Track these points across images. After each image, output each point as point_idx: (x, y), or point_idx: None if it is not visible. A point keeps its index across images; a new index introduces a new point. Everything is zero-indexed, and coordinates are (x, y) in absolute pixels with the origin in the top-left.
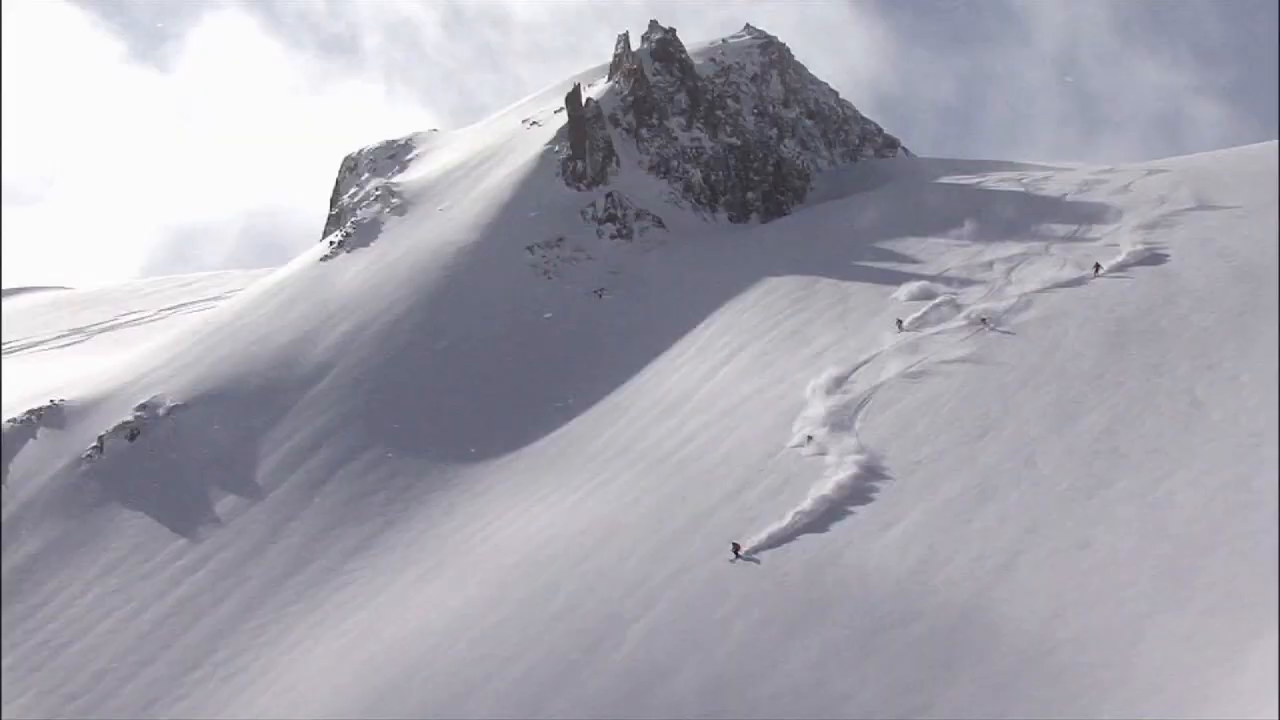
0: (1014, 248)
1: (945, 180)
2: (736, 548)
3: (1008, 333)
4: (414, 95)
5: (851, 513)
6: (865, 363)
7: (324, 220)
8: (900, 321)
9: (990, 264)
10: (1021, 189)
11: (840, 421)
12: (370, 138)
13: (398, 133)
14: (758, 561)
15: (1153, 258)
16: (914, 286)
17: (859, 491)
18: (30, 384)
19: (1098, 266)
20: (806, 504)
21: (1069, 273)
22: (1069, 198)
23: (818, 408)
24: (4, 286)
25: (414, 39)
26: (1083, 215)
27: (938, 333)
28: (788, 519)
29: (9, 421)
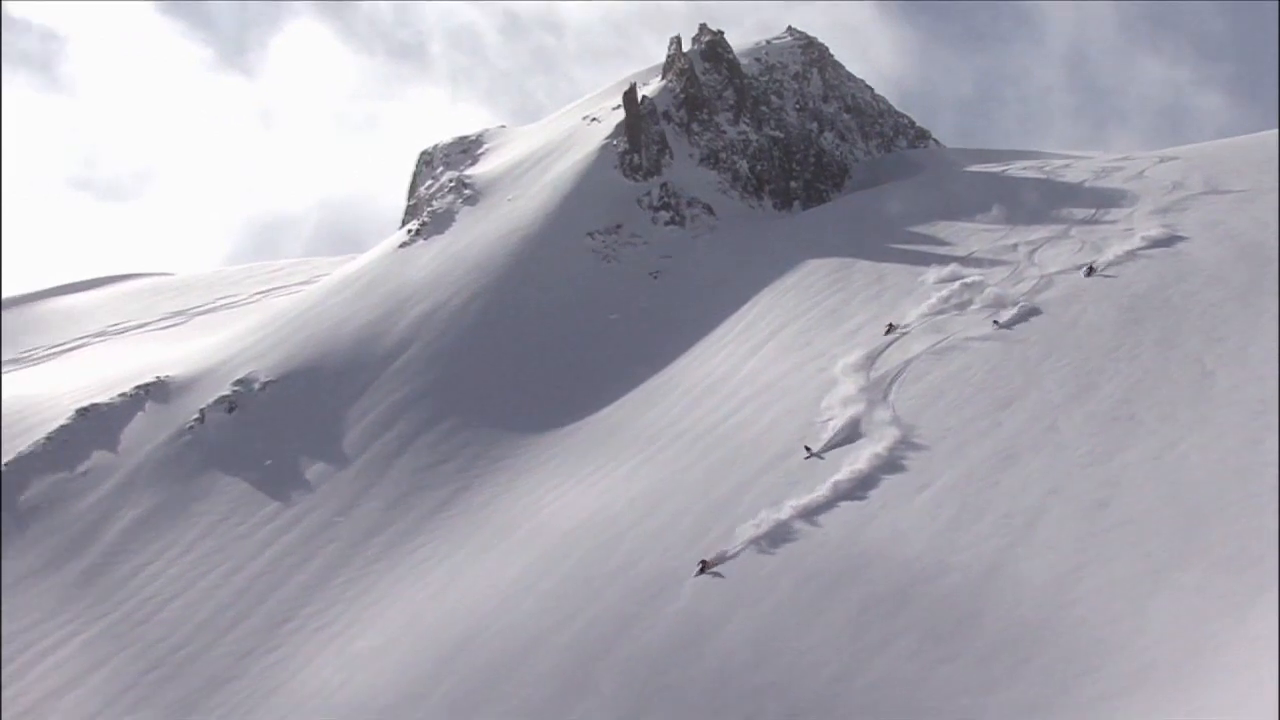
0: (1037, 231)
1: (972, 169)
2: (704, 565)
3: (1012, 325)
4: (476, 96)
5: (886, 477)
6: (897, 339)
7: (399, 211)
8: (891, 325)
9: (1015, 246)
10: (1043, 176)
11: (875, 394)
12: (439, 136)
13: (466, 130)
14: (722, 576)
15: (1166, 239)
16: (943, 269)
17: (893, 458)
18: (137, 362)
19: (1090, 269)
20: (843, 471)
21: (1087, 254)
22: (1087, 184)
23: (848, 387)
24: (110, 274)
25: (475, 44)
26: (1100, 200)
27: (965, 312)
28: (827, 485)
29: (119, 395)
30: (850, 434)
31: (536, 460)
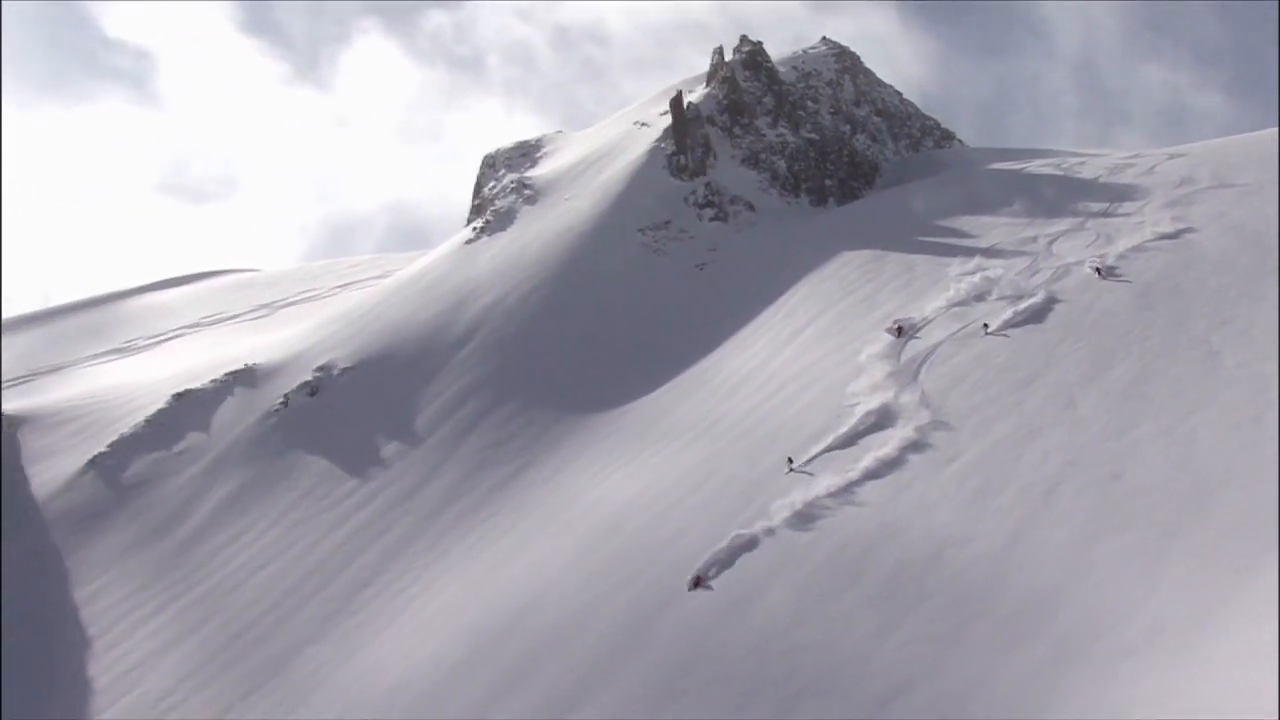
0: (1055, 224)
1: (994, 167)
2: (697, 580)
3: (1031, 312)
4: (529, 105)
5: (915, 453)
6: (925, 325)
7: (462, 211)
8: (900, 329)
9: (1035, 238)
10: (1060, 173)
11: (903, 378)
12: (498, 141)
13: (524, 135)
14: (711, 588)
15: (1175, 231)
16: (968, 260)
17: (922, 435)
18: (227, 351)
19: (1099, 270)
20: (875, 450)
21: (1101, 245)
22: (1102, 179)
23: (875, 373)
24: (201, 271)
25: (528, 57)
26: (1115, 194)
27: (987, 300)
28: (864, 460)
29: (212, 381)
30: (880, 417)
31: (593, 438)
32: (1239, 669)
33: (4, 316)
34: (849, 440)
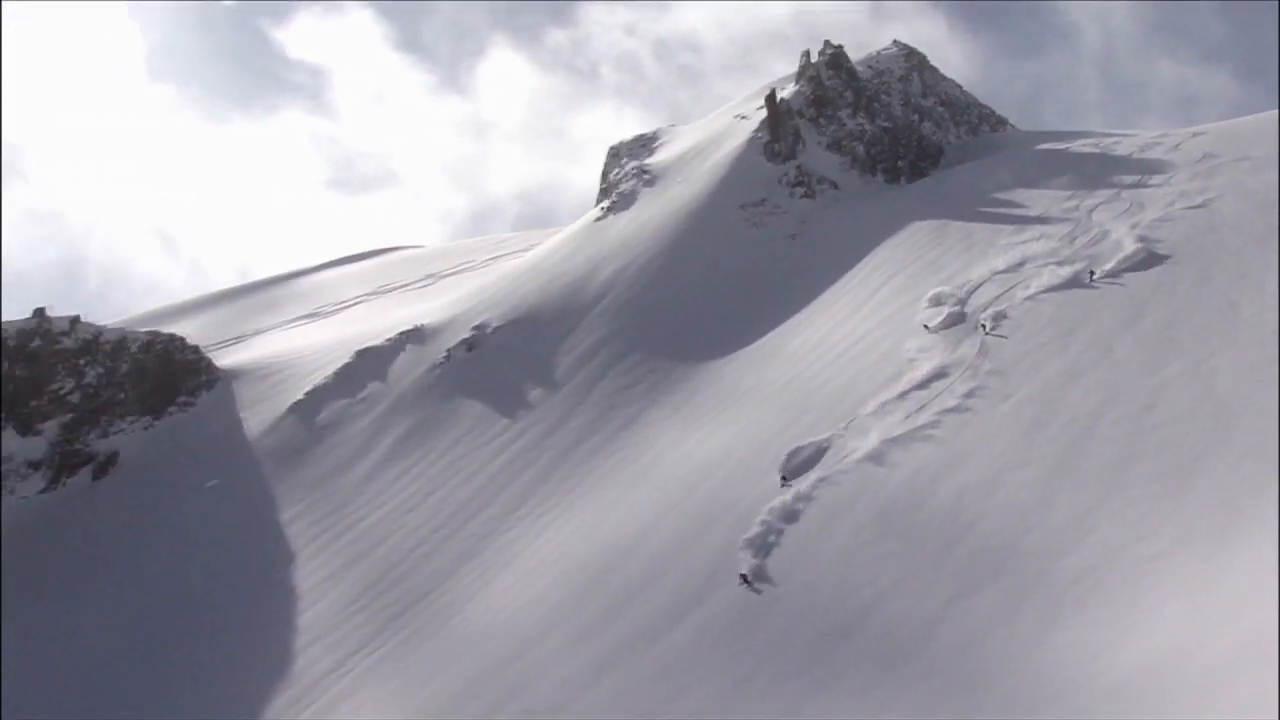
0: (1095, 195)
1: (1042, 147)
2: (744, 577)
3: (1075, 272)
4: (637, 106)
5: (977, 392)
6: (981, 285)
7: (582, 196)
8: (926, 326)
9: (1076, 208)
10: (1099, 150)
11: (965, 329)
12: (618, 135)
13: (638, 131)
14: (757, 591)
15: (1198, 198)
16: (1021, 228)
17: (982, 378)
18: (400, 314)
19: (1091, 274)
20: (945, 390)
21: (1134, 211)
22: (1134, 156)
23: (936, 328)
24: (374, 248)
25: (634, 65)
26: (1146, 169)
27: (1037, 262)
28: (931, 401)
29: (387, 340)
30: (945, 364)
31: (691, 393)
32: (1258, 571)
33: (215, 290)
34: (919, 385)
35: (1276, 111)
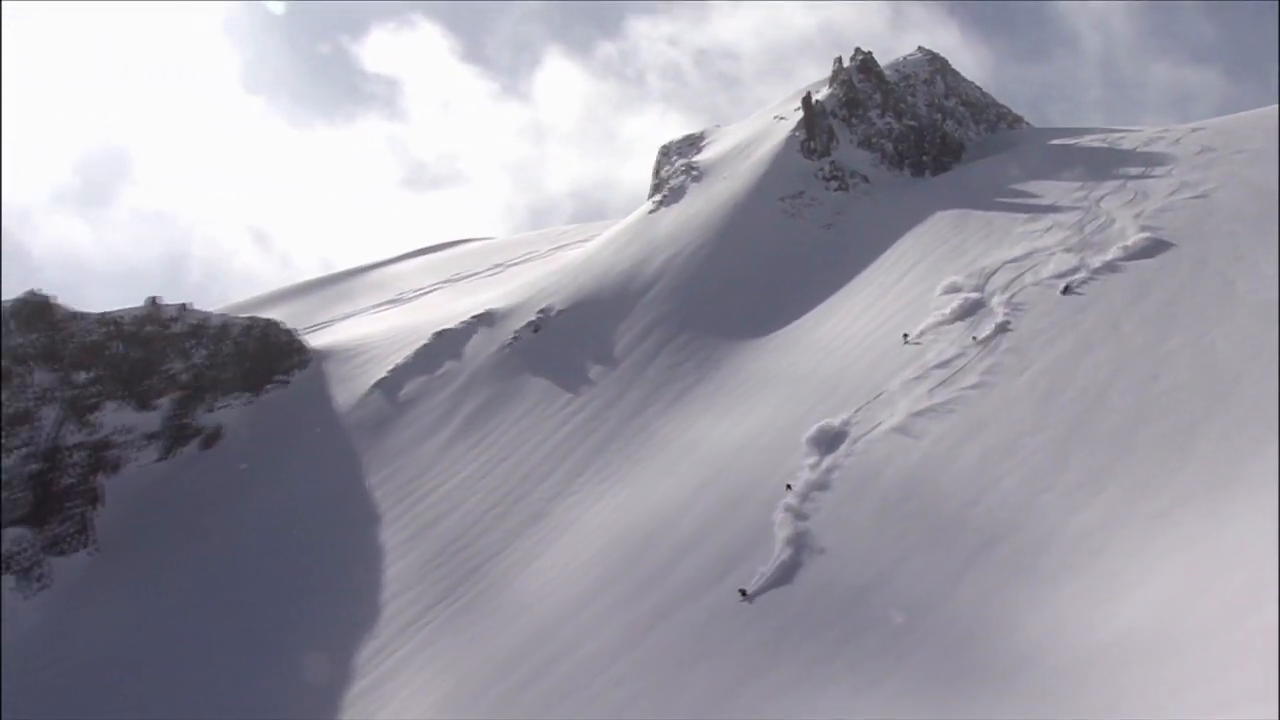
0: (1103, 186)
1: (1054, 142)
2: (743, 592)
3: (1083, 256)
4: (681, 109)
5: (997, 366)
6: (998, 270)
7: (633, 192)
8: (905, 336)
9: (1086, 197)
10: (1106, 145)
11: (980, 313)
12: (667, 136)
13: (682, 132)
14: (750, 603)
15: (1197, 188)
16: (1035, 216)
17: (1000, 354)
18: (472, 299)
19: (1066, 288)
20: (967, 363)
21: (1139, 201)
22: (1138, 150)
23: (957, 308)
24: (447, 240)
25: (677, 73)
26: (1149, 161)
27: (1049, 246)
28: (955, 373)
29: (462, 322)
30: (968, 338)
31: (747, 359)
32: (1254, 525)
33: (302, 280)
34: (941, 365)
35: (1269, 108)
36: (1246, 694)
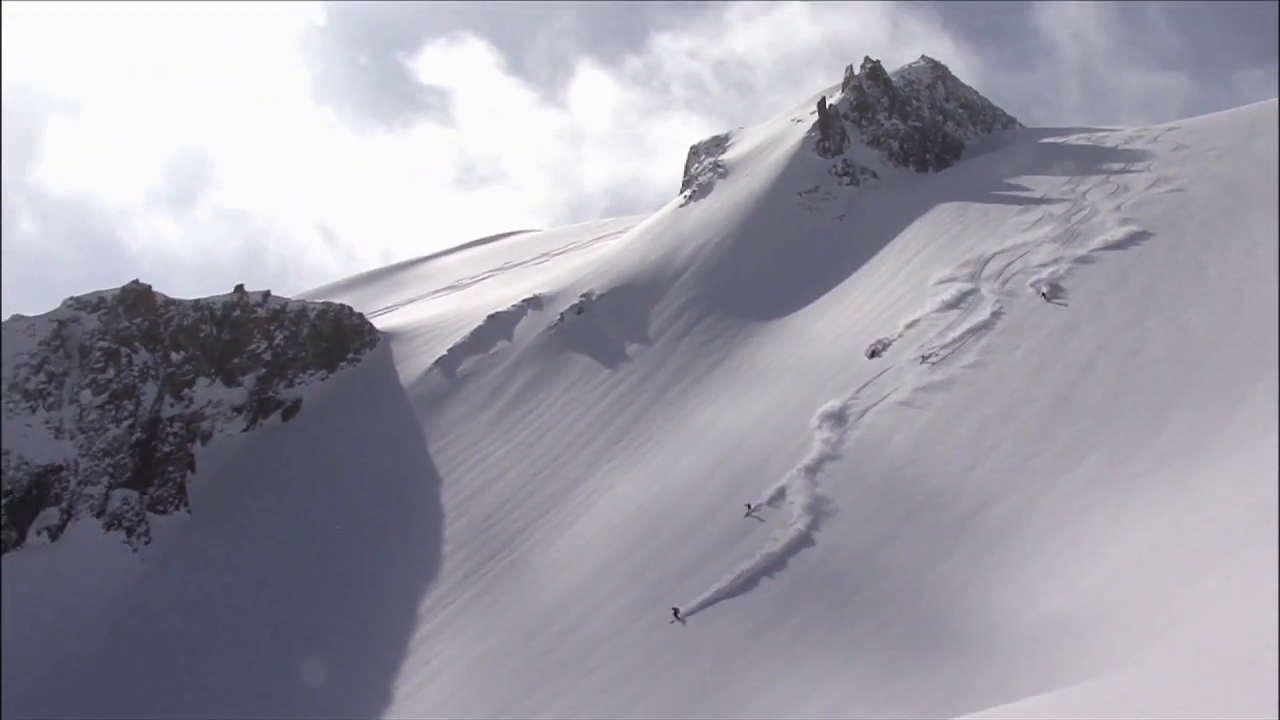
0: (1088, 180)
1: (1044, 141)
2: (675, 612)
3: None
4: (702, 114)
5: (992, 343)
6: (993, 257)
7: (663, 190)
8: (874, 353)
9: (1073, 190)
10: (1091, 143)
11: (980, 291)
12: (694, 139)
13: (704, 137)
14: (683, 623)
15: (1173, 181)
16: (1027, 207)
17: (994, 331)
18: (522, 285)
19: (1043, 297)
20: (963, 340)
21: (1120, 193)
22: (1120, 147)
23: (955, 291)
24: (498, 233)
25: (698, 83)
26: (1129, 157)
27: (1039, 236)
28: (954, 348)
29: (512, 306)
30: (963, 317)
31: (768, 338)
32: (1224, 483)
33: (366, 270)
34: (942, 336)
35: (1237, 109)
36: (1220, 635)
